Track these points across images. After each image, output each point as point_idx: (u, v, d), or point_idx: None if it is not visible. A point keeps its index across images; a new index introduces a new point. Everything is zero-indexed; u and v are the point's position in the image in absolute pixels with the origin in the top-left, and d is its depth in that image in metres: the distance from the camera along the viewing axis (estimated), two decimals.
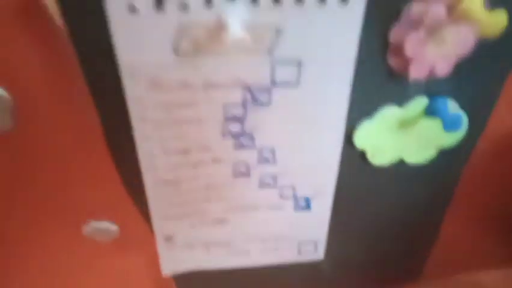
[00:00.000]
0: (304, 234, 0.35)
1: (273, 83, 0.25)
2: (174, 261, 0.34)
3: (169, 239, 0.33)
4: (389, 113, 0.29)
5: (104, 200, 0.32)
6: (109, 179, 0.29)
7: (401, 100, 0.29)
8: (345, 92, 0.26)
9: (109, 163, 0.28)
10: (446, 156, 0.34)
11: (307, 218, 0.33)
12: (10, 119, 0.25)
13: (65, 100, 0.25)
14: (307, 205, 0.33)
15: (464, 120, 0.31)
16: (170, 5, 0.21)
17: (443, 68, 0.27)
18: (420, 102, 0.30)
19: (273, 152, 0.29)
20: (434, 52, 0.26)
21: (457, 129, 0.30)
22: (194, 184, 0.30)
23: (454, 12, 0.24)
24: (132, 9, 0.20)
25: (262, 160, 0.29)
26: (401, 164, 0.33)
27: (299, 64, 0.25)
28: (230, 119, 0.27)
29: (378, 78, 0.27)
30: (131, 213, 0.32)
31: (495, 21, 0.23)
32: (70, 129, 0.27)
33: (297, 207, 0.33)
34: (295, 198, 0.32)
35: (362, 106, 0.28)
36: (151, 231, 0.33)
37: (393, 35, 0.25)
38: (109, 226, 0.34)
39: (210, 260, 0.36)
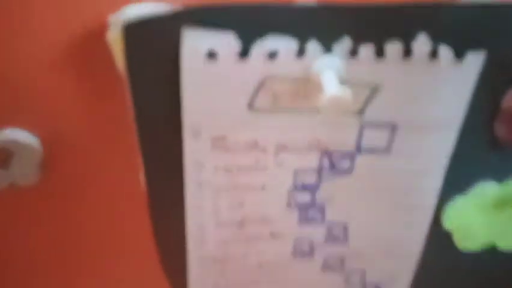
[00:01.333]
0: None
1: (359, 148, 0.22)
2: None
3: None
4: (486, 190, 0.26)
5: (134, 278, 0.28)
6: (144, 254, 0.25)
7: (501, 175, 0.26)
8: (443, 163, 0.23)
9: (147, 236, 0.24)
10: None
11: None
12: (37, 173, 0.22)
13: (107, 159, 0.22)
14: None
15: None
16: (257, 52, 0.18)
17: None
18: None
19: (345, 228, 0.25)
20: None
21: None
22: (245, 263, 0.26)
23: None
24: (212, 55, 0.18)
25: (331, 238, 0.25)
26: (492, 250, 0.29)
27: (393, 128, 0.22)
28: (300, 187, 0.23)
29: (480, 148, 0.24)
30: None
31: None
32: (106, 192, 0.24)
33: None
34: (364, 285, 0.28)
35: (456, 180, 0.25)
36: None
37: (508, 100, 0.22)
38: None
39: None
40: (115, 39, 0.17)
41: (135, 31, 0.16)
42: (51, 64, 0.19)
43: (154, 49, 0.17)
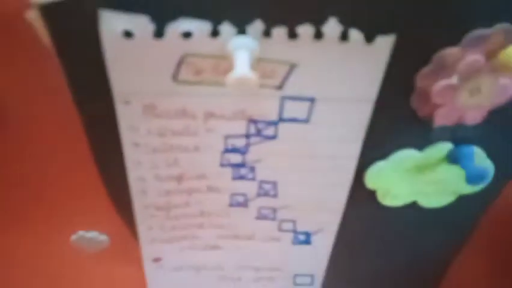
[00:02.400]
0: (301, 267, 0.34)
1: (281, 118, 0.24)
2: (162, 282, 0.34)
3: (157, 260, 0.32)
4: (406, 156, 0.28)
5: (95, 211, 0.31)
6: (100, 192, 0.28)
7: (421, 144, 0.27)
8: (360, 133, 0.25)
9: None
10: (464, 202, 0.32)
11: (305, 252, 0.32)
12: None
13: (55, 117, 0.24)
14: (307, 240, 0.31)
15: (490, 172, 0.29)
16: (172, 32, 0.19)
17: (474, 117, 0.26)
18: (442, 148, 0.28)
19: (274, 185, 0.28)
20: (466, 101, 0.24)
21: (480, 183, 0.28)
22: (186, 210, 0.29)
23: (493, 61, 0.22)
24: (128, 35, 0.19)
25: (262, 193, 0.28)
26: (413, 206, 0.31)
27: (312, 101, 0.23)
28: (230, 150, 0.25)
29: (399, 120, 0.26)
30: (122, 225, 0.31)
31: None
32: (58, 141, 0.26)
33: (296, 241, 0.31)
34: (295, 232, 0.31)
35: (377, 146, 0.27)
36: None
37: (421, 79, 0.23)
38: (98, 236, 0.34)
39: (199, 283, 0.35)
40: (35, 18, 0.18)
41: (53, 12, 0.18)
42: None
43: (75, 29, 0.19)
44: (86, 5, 0.18)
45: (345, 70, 0.22)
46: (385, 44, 0.21)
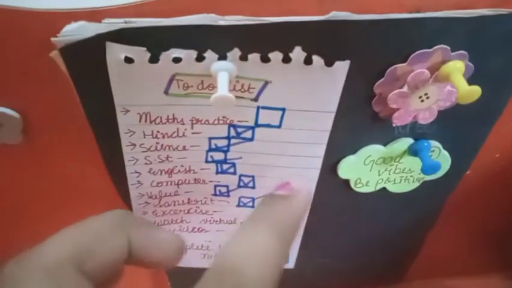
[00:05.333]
0: None
1: (257, 123, 0.31)
2: None
3: None
4: (373, 150, 0.35)
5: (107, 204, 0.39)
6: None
7: (385, 140, 0.35)
8: (324, 137, 0.32)
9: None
10: (429, 187, 0.40)
11: None
12: (20, 135, 0.32)
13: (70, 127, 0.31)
14: None
15: (446, 163, 0.37)
16: (164, 59, 0.26)
17: (426, 117, 0.33)
18: (404, 143, 0.35)
19: (252, 179, 0.35)
20: (417, 105, 0.32)
21: (433, 174, 0.36)
22: (176, 198, 0.37)
23: (437, 74, 0.30)
24: (129, 60, 0.26)
25: (242, 185, 0.36)
26: (384, 191, 0.40)
27: (283, 110, 0.30)
28: (214, 149, 0.33)
29: (364, 121, 0.33)
30: None
31: (471, 92, 0.29)
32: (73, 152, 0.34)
33: None
34: None
35: (348, 143, 0.34)
36: None
37: (378, 88, 0.30)
38: None
39: (187, 260, 0.44)
40: (56, 55, 0.25)
41: (70, 50, 0.24)
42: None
43: (88, 59, 0.25)
44: (95, 40, 0.24)
45: (310, 87, 0.29)
46: (342, 66, 0.28)
